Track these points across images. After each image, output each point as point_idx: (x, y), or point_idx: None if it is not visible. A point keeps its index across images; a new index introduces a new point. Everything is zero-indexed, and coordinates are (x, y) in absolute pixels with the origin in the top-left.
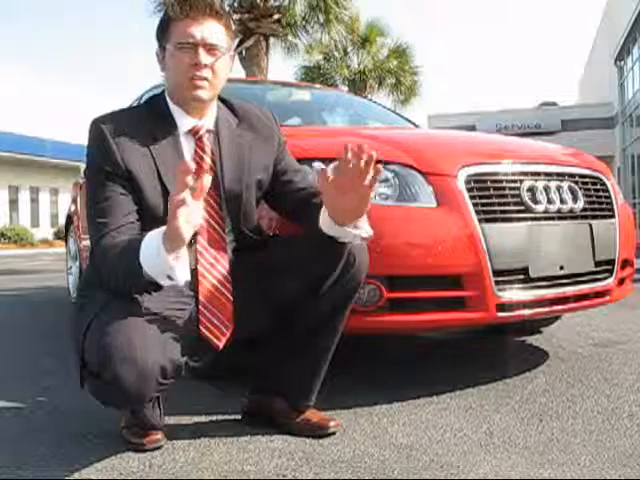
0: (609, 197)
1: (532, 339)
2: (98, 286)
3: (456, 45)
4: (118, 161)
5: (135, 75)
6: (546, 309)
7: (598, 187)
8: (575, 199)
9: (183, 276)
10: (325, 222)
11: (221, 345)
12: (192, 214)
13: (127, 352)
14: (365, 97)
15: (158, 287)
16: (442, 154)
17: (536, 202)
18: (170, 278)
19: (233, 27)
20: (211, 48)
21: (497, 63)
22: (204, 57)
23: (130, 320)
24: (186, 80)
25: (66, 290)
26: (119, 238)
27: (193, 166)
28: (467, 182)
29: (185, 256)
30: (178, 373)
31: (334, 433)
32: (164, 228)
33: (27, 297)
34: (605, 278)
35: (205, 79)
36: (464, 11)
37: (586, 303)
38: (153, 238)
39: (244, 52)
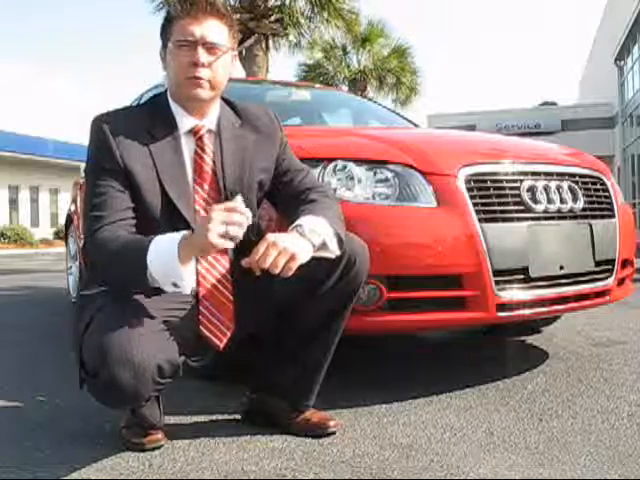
0: (609, 197)
1: (532, 339)
2: (97, 285)
3: (456, 45)
4: (117, 158)
5: (136, 75)
6: (546, 309)
7: (598, 187)
8: (575, 199)
9: (190, 284)
10: None
11: (222, 345)
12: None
13: (124, 352)
14: (365, 97)
15: (159, 291)
16: (442, 154)
17: (536, 202)
18: (175, 285)
19: (236, 26)
20: (211, 47)
21: (497, 63)
22: (203, 56)
23: (128, 320)
24: (185, 79)
25: (66, 290)
26: (118, 233)
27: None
28: (467, 182)
29: (193, 265)
30: (176, 373)
31: (334, 433)
32: (179, 235)
33: (27, 297)
34: (605, 278)
35: (204, 78)
36: (464, 11)
37: (586, 303)
38: (165, 242)
39: (244, 52)
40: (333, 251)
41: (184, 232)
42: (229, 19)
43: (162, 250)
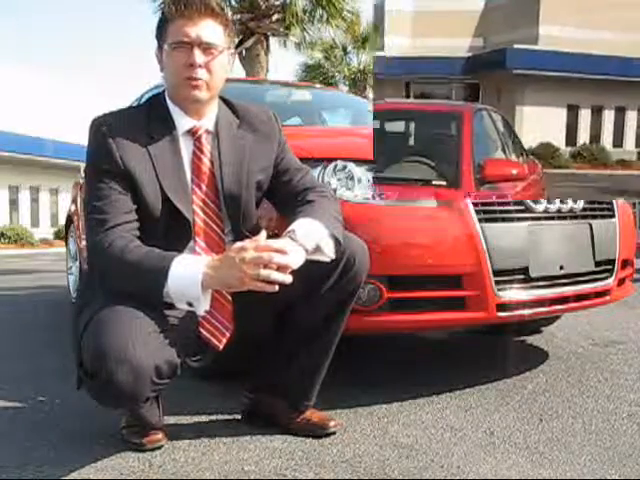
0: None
1: (532, 339)
2: (97, 287)
3: None
4: (117, 160)
5: (135, 75)
6: (546, 309)
7: None
8: (575, 199)
9: (205, 306)
10: None
11: (221, 346)
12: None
13: (121, 352)
14: (365, 97)
15: (169, 306)
16: None
17: (536, 202)
18: (190, 305)
19: (232, 25)
20: (207, 47)
21: None
22: (199, 57)
23: (126, 321)
24: (182, 80)
25: (66, 290)
26: (129, 240)
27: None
28: None
29: (210, 290)
30: (174, 373)
31: (334, 433)
32: (203, 261)
33: (27, 297)
34: (605, 278)
35: (201, 79)
36: None
37: (586, 303)
38: (188, 267)
39: (244, 52)
40: (328, 254)
41: (209, 259)
42: (224, 18)
43: (184, 275)
